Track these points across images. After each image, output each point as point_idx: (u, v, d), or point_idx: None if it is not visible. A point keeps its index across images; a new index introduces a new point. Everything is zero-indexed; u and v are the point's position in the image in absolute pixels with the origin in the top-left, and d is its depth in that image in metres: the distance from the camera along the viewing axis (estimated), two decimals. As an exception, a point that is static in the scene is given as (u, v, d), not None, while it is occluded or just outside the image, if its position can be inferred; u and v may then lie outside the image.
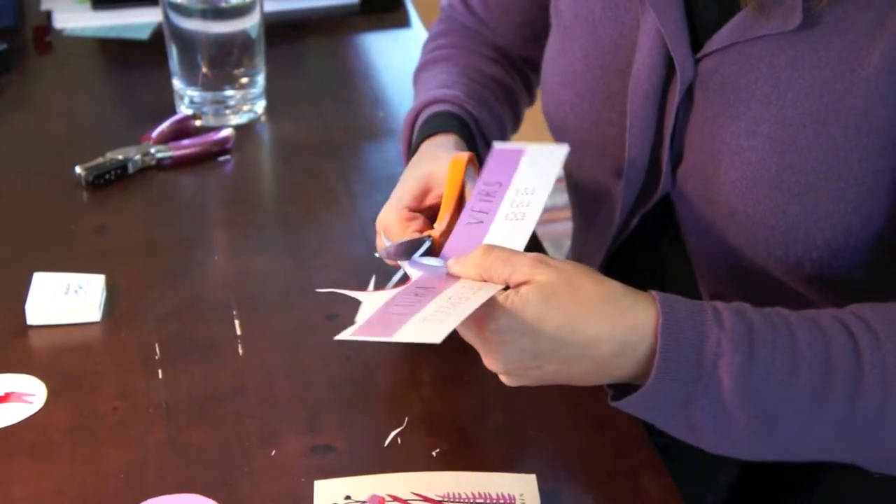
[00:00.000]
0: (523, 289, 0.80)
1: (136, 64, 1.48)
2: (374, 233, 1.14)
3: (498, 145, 0.94)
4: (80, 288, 1.03)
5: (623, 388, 0.83)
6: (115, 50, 1.51)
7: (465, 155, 0.96)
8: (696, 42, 0.94)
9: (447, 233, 0.91)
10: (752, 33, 0.89)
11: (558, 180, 0.94)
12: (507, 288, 0.81)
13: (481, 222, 0.89)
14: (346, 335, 0.79)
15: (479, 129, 1.09)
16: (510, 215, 0.88)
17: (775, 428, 0.81)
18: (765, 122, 0.90)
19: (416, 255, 0.89)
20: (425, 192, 0.97)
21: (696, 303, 0.82)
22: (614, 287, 0.81)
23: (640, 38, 0.97)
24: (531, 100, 1.24)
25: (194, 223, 1.17)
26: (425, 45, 1.24)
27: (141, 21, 1.56)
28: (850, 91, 0.86)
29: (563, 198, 1.21)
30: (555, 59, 1.06)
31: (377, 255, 0.97)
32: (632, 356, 0.80)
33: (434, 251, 0.91)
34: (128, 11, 1.57)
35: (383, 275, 0.94)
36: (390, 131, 1.33)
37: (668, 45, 0.94)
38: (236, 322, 1.02)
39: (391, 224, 0.96)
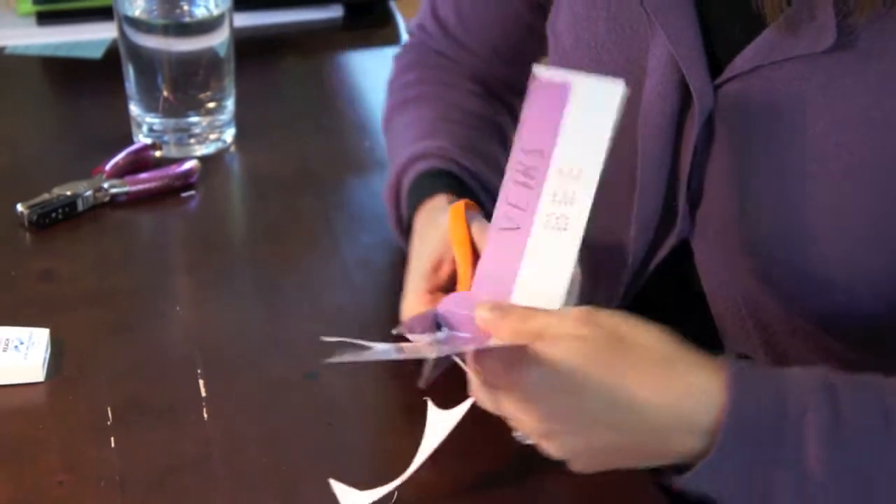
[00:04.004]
0: (561, 345, 0.80)
1: (87, 87, 1.48)
2: (359, 278, 1.14)
3: (540, 73, 0.87)
4: (21, 343, 1.02)
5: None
6: (63, 71, 1.52)
7: (460, 204, 0.96)
8: (713, 66, 0.94)
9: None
10: (779, 55, 0.89)
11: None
12: None
13: (518, 228, 0.87)
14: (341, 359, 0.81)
15: (473, 177, 1.07)
16: (551, 222, 0.86)
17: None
18: (795, 156, 0.90)
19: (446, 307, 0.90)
20: (439, 265, 0.96)
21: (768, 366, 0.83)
22: (671, 345, 0.81)
23: (650, 64, 0.96)
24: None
25: (153, 268, 1.17)
26: (392, 81, 1.23)
27: (93, 38, 1.56)
28: (891, 119, 0.86)
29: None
30: None
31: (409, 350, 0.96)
32: (687, 427, 0.80)
33: None
34: (78, 27, 1.57)
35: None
36: (378, 163, 1.33)
37: (682, 71, 0.93)
38: (201, 382, 1.02)
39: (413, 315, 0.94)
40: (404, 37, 1.59)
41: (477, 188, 1.07)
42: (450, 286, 0.95)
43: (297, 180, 1.30)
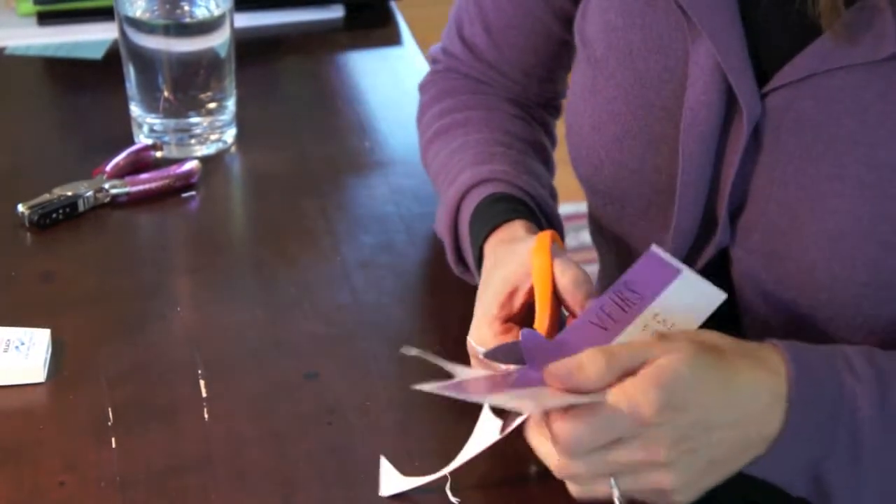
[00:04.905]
0: (661, 361, 0.81)
1: (88, 87, 1.48)
2: (359, 278, 1.14)
3: (657, 251, 0.93)
4: (22, 344, 1.02)
5: None
6: (64, 71, 1.52)
7: (547, 234, 0.95)
8: (758, 73, 0.93)
9: (551, 330, 0.92)
10: (834, 63, 0.88)
11: (577, 216, 0.93)
12: None
13: (606, 329, 0.89)
14: (429, 387, 0.80)
15: (536, 204, 1.06)
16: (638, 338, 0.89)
17: None
18: (852, 164, 0.89)
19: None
20: (512, 296, 0.95)
21: (823, 347, 0.86)
22: (732, 339, 0.85)
23: (691, 72, 0.95)
24: (554, 145, 1.21)
25: (154, 269, 1.17)
26: (424, 109, 1.21)
27: (94, 38, 1.56)
28: None
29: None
30: (584, 98, 1.04)
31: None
32: (780, 406, 0.83)
33: None
34: (79, 27, 1.57)
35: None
36: (377, 163, 1.33)
37: (728, 79, 0.92)
38: (201, 383, 1.02)
39: (486, 341, 0.94)
40: (405, 37, 1.59)
41: (539, 213, 1.06)
42: (521, 317, 0.94)
43: (297, 180, 1.30)
